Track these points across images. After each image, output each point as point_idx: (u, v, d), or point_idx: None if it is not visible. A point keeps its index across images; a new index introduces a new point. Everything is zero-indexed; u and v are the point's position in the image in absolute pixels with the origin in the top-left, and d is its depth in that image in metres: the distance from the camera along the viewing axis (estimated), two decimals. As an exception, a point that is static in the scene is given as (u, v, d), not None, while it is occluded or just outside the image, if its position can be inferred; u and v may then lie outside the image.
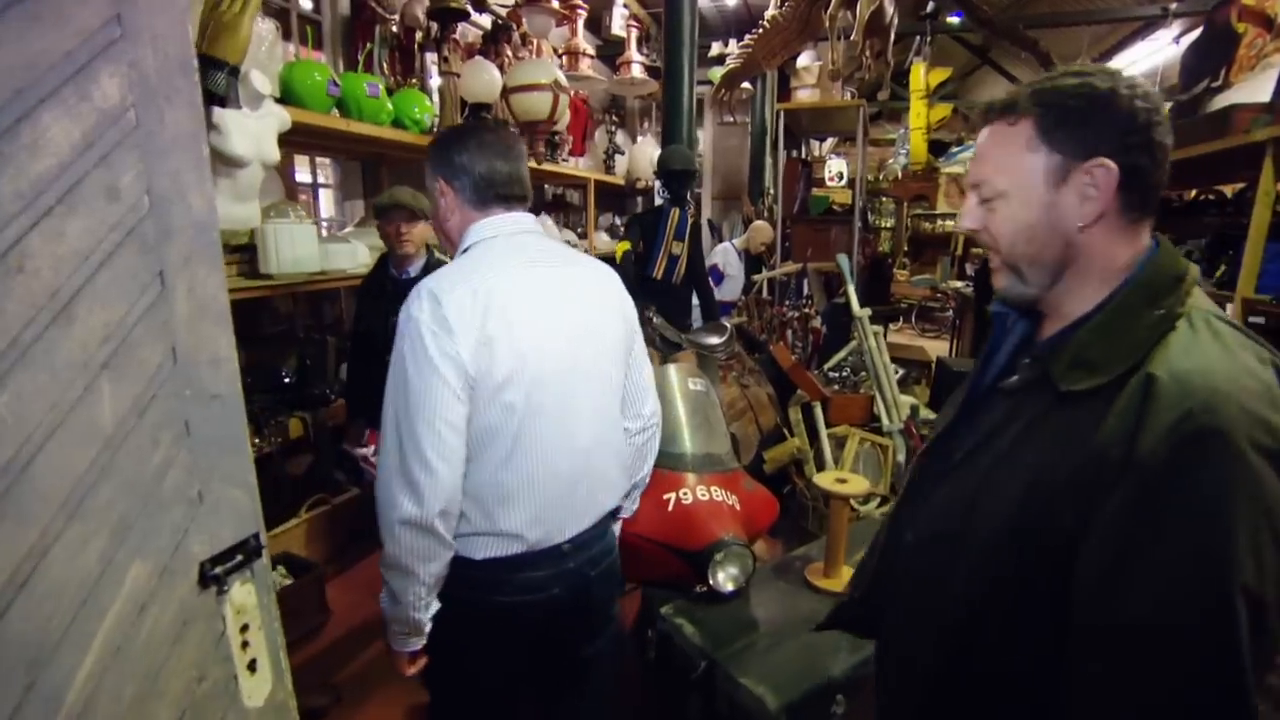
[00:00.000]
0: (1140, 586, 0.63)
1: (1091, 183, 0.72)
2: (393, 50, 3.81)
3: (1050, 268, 0.77)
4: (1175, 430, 0.62)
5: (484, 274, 1.18)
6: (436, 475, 1.09)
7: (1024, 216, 0.77)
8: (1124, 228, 0.75)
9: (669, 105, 4.29)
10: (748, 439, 2.54)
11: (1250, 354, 0.69)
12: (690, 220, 3.65)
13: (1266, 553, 0.60)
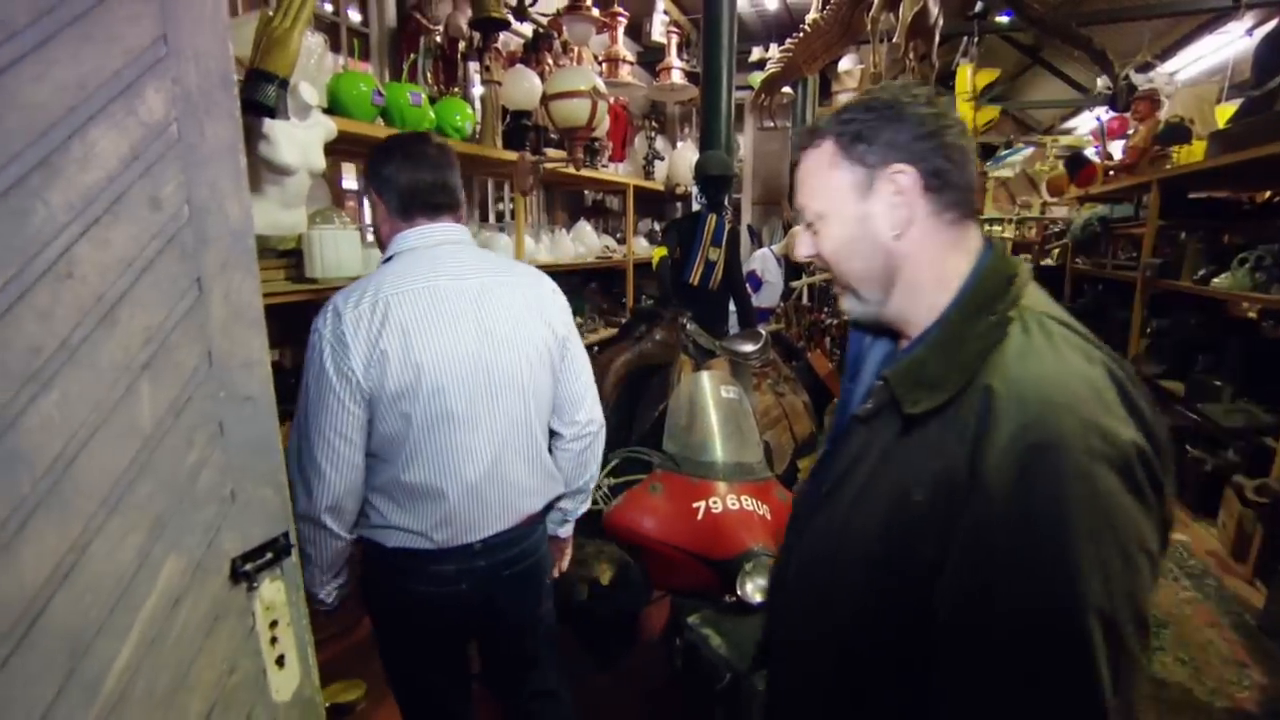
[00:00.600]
0: (994, 617, 0.61)
1: (895, 189, 0.75)
2: (436, 60, 3.89)
3: (878, 280, 0.79)
4: (1013, 446, 0.61)
5: (392, 286, 1.24)
6: (324, 478, 1.20)
7: (843, 233, 0.80)
8: (943, 230, 0.77)
9: (707, 110, 4.28)
10: (781, 448, 2.51)
11: (1079, 354, 0.68)
12: (727, 226, 3.64)
13: (1113, 567, 0.59)
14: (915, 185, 0.75)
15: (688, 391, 2.14)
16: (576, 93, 3.72)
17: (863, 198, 0.78)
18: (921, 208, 0.76)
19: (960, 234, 0.77)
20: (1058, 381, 0.64)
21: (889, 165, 0.75)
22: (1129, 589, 0.59)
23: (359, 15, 3.93)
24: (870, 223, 0.78)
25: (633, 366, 2.56)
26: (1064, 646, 0.58)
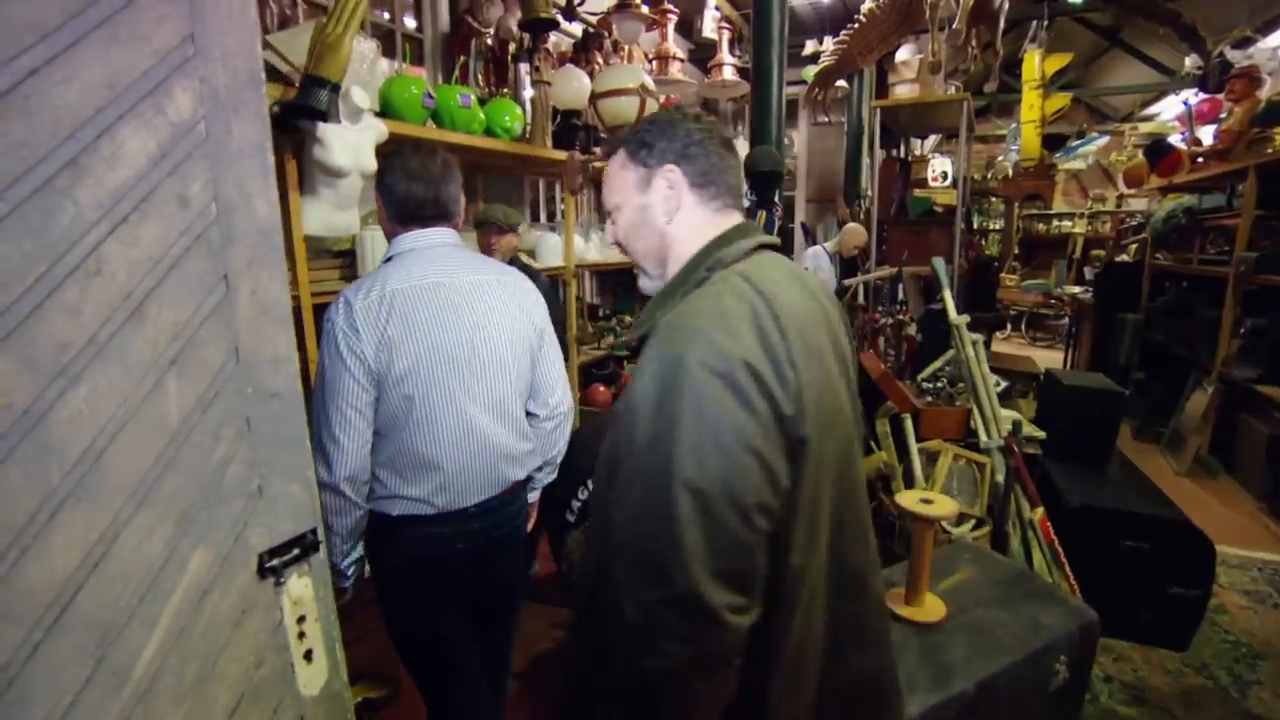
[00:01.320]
0: (628, 473, 0.78)
1: (667, 184, 0.94)
2: (487, 62, 3.94)
3: (655, 257, 0.97)
4: (655, 360, 0.78)
5: (396, 282, 1.40)
6: (342, 449, 1.35)
7: (631, 219, 0.98)
8: (707, 217, 0.95)
9: (757, 105, 4.20)
10: (828, 451, 2.42)
11: (733, 296, 0.81)
12: (777, 223, 3.55)
13: (706, 452, 0.72)
14: (681, 181, 0.94)
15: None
16: (625, 90, 3.70)
17: (643, 191, 0.96)
18: (688, 199, 0.94)
19: (723, 220, 0.96)
20: (695, 312, 0.80)
21: (663, 166, 0.94)
22: (722, 474, 0.71)
23: (414, 22, 4.02)
24: (649, 211, 0.95)
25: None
26: (659, 502, 0.72)
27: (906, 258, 4.38)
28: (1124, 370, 4.74)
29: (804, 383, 0.77)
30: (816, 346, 0.83)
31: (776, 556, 0.77)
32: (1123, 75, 7.89)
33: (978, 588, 1.86)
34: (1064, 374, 3.02)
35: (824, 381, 0.82)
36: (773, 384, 0.75)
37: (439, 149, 1.58)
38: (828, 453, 0.82)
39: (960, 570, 1.95)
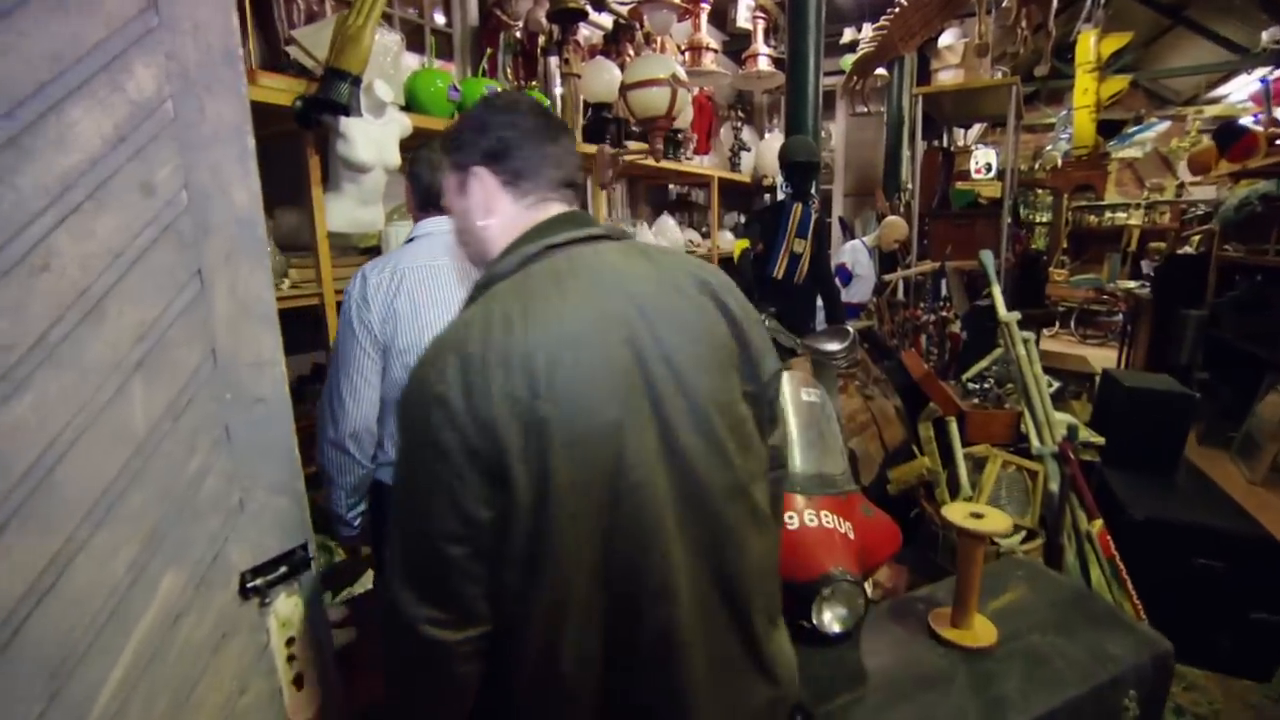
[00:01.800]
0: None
1: (479, 186, 0.90)
2: (516, 56, 3.86)
3: (484, 261, 0.92)
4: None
5: (408, 261, 1.49)
6: (347, 410, 1.43)
7: (457, 225, 0.96)
8: (522, 214, 0.90)
9: (792, 94, 4.02)
10: (869, 456, 2.26)
11: (465, 324, 0.79)
12: (814, 216, 3.38)
13: (406, 488, 0.78)
14: (493, 180, 0.90)
15: (762, 394, 1.96)
16: (655, 81, 3.57)
17: (461, 195, 0.92)
18: (502, 199, 0.90)
19: (535, 216, 0.90)
20: (437, 338, 0.80)
21: (472, 165, 0.90)
22: (414, 505, 0.76)
23: (443, 17, 3.96)
24: (468, 216, 0.92)
25: (705, 365, 2.40)
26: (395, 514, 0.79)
27: (950, 252, 4.16)
28: (1186, 370, 4.42)
29: (528, 414, 0.73)
30: (588, 363, 0.76)
31: (502, 580, 0.77)
32: (1186, 55, 7.38)
33: (1032, 609, 1.70)
34: (1124, 375, 2.80)
35: (588, 405, 0.75)
36: (464, 420, 0.73)
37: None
38: (581, 479, 0.75)
39: (1012, 589, 1.79)
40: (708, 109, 5.71)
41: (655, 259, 0.88)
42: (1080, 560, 2.18)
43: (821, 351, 2.26)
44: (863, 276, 4.42)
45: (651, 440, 0.78)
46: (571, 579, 0.76)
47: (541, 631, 0.77)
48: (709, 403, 0.81)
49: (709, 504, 0.82)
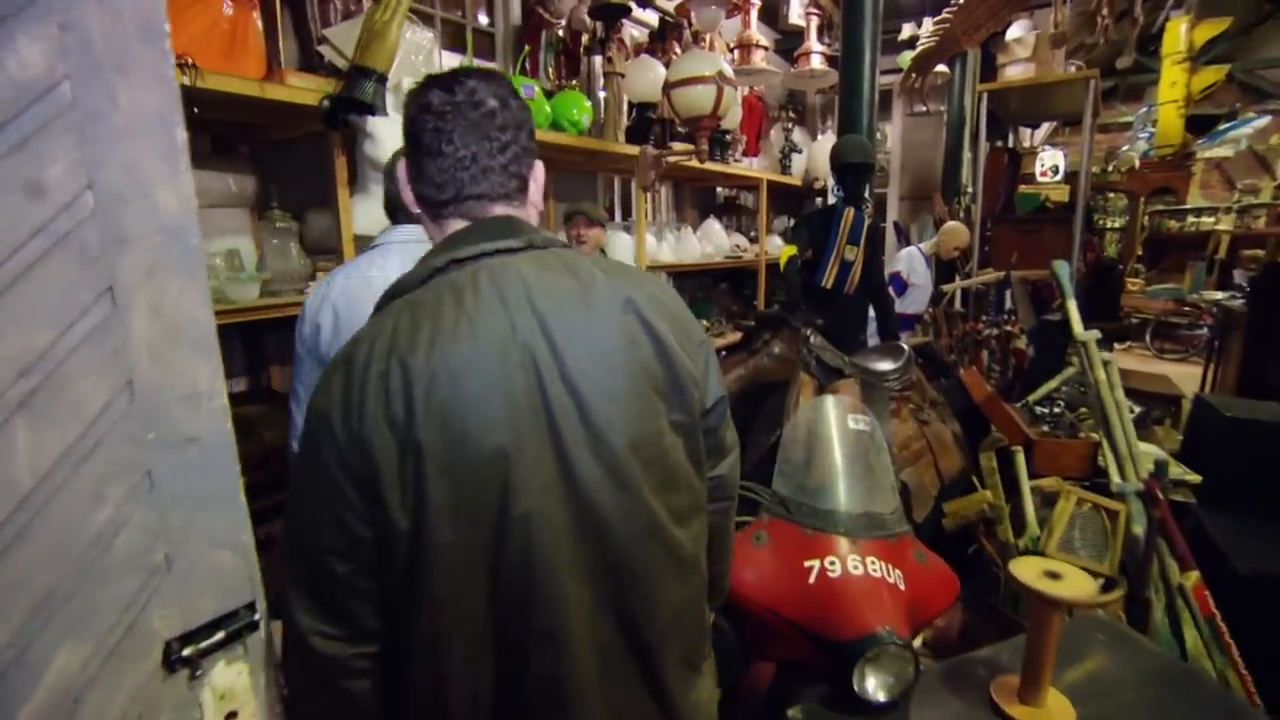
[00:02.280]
0: None
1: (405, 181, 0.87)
2: (558, 55, 3.72)
3: None
4: None
5: (346, 271, 1.48)
6: (294, 418, 1.44)
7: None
8: (431, 219, 0.87)
9: (846, 92, 3.75)
10: (923, 489, 2.01)
11: (355, 342, 0.75)
12: (867, 221, 3.12)
13: (296, 501, 0.74)
14: (405, 178, 0.86)
15: (806, 420, 1.73)
16: (700, 78, 3.37)
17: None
18: (411, 198, 0.87)
19: (455, 223, 0.84)
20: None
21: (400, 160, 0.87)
22: (299, 518, 0.74)
23: (486, 18, 3.85)
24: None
25: (746, 384, 2.18)
26: (286, 525, 0.76)
27: (1015, 260, 3.82)
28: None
29: (404, 437, 0.70)
30: (476, 386, 0.71)
31: (388, 601, 0.74)
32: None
33: (1117, 684, 1.43)
34: (1223, 401, 2.45)
35: (469, 430, 0.71)
36: (342, 438, 0.70)
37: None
38: (463, 508, 0.71)
39: (1091, 657, 1.52)
40: (758, 109, 5.47)
41: (581, 274, 0.79)
42: (1170, 618, 1.88)
43: (872, 372, 2.03)
44: (919, 286, 4.10)
45: (546, 471, 0.73)
46: (454, 611, 0.72)
47: (427, 663, 0.73)
48: (617, 433, 0.74)
49: (613, 543, 0.75)
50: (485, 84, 0.82)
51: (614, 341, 0.76)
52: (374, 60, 2.13)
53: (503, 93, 0.83)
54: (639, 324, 0.78)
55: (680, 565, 0.81)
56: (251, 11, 2.06)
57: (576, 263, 0.81)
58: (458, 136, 0.79)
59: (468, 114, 0.80)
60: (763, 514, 1.64)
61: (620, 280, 0.81)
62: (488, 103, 0.81)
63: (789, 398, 1.85)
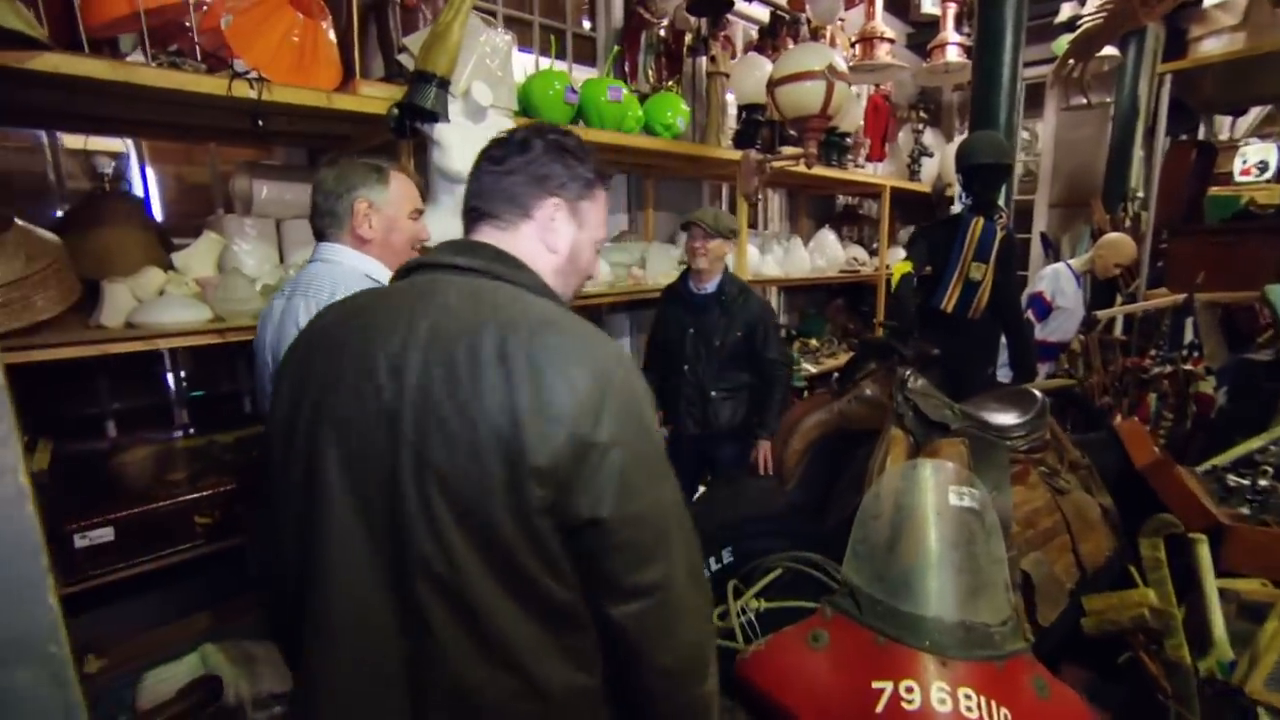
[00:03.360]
0: None
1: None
2: (659, 56, 3.46)
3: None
4: None
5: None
6: None
7: None
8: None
9: (981, 82, 3.17)
10: (1054, 581, 1.52)
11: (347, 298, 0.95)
12: (1000, 233, 2.57)
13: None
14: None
15: (893, 489, 1.33)
16: (808, 74, 2.96)
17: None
18: None
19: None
20: None
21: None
22: None
23: (589, 22, 3.68)
24: None
25: (829, 430, 1.79)
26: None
27: (1201, 279, 3.03)
28: None
29: (279, 398, 0.85)
30: (331, 378, 0.81)
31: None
32: None
33: None
34: None
35: (297, 407, 0.83)
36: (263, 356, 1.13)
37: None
38: (279, 466, 0.83)
39: None
40: (884, 110, 4.90)
41: (480, 302, 0.80)
42: None
43: (989, 426, 1.56)
44: (1065, 310, 3.37)
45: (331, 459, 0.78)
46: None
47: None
48: (433, 469, 0.74)
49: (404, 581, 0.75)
50: (521, 131, 0.93)
51: (465, 377, 0.74)
52: (435, 64, 1.97)
53: (527, 134, 0.92)
54: (495, 358, 0.75)
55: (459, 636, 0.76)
56: (321, 23, 1.98)
57: (497, 292, 0.82)
58: (483, 166, 0.93)
59: (490, 151, 0.93)
60: (826, 607, 1.27)
61: (515, 315, 0.78)
62: (511, 139, 0.92)
63: (874, 457, 1.45)
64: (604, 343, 0.82)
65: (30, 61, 1.53)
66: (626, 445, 0.76)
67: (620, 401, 0.77)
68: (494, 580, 0.74)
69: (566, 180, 0.92)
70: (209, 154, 2.51)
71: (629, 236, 3.74)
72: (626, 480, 0.75)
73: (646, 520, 0.78)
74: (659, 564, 0.79)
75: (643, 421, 0.80)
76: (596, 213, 0.98)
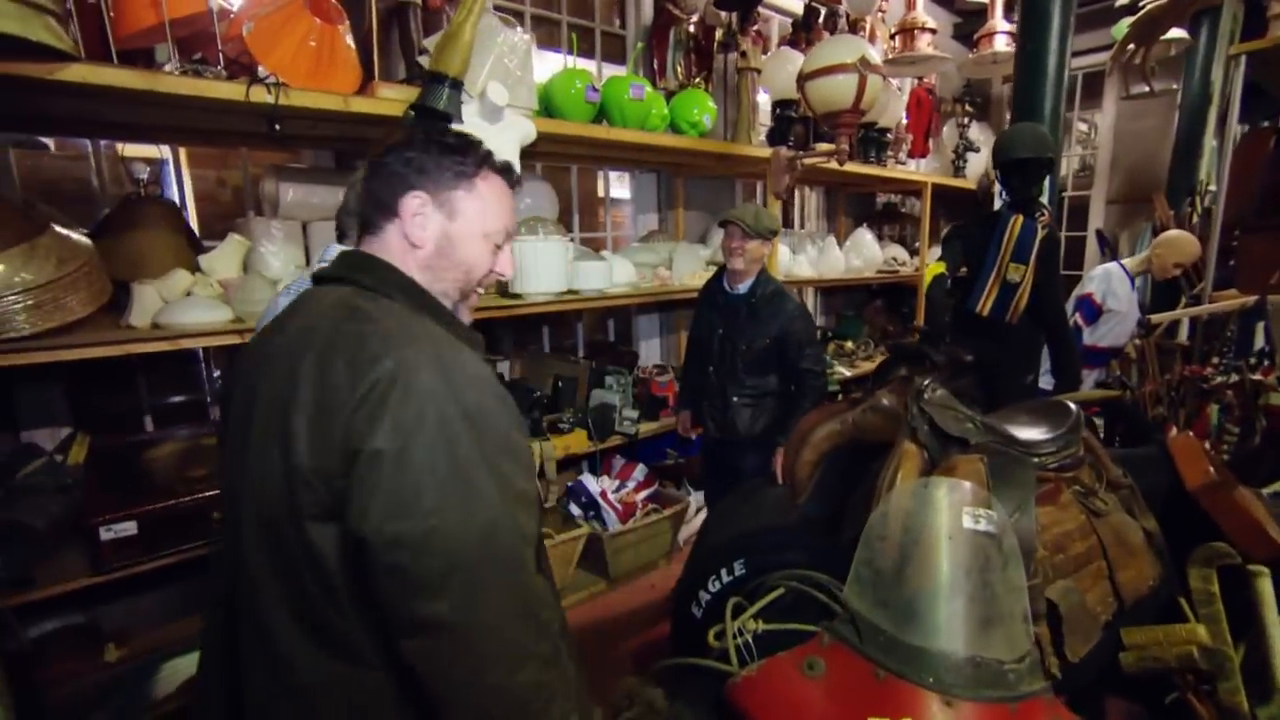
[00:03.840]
0: None
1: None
2: (688, 52, 3.38)
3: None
4: None
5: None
6: None
7: None
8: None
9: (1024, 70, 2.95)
10: (1084, 611, 1.37)
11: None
12: (1041, 232, 2.38)
13: None
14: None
15: (902, 509, 1.22)
16: (839, 67, 2.82)
17: None
18: None
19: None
20: None
21: None
22: None
23: (619, 20, 3.62)
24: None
25: (842, 442, 1.67)
26: None
27: (1277, 280, 2.76)
28: None
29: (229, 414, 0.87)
30: (246, 387, 0.83)
31: None
32: None
33: None
34: None
35: (235, 421, 0.83)
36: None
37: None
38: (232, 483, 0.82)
39: None
40: (927, 104, 4.67)
41: (324, 308, 0.80)
42: None
43: (1014, 441, 1.42)
44: (1117, 313, 3.10)
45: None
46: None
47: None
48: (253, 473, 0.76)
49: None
50: (403, 134, 0.92)
51: (283, 393, 0.74)
52: (447, 65, 1.94)
53: (408, 135, 0.91)
54: (314, 370, 0.73)
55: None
56: (339, 26, 1.98)
57: (353, 302, 0.80)
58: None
59: (372, 159, 0.93)
60: (824, 633, 1.17)
61: (348, 331, 0.75)
62: (395, 144, 0.91)
63: (883, 473, 1.34)
64: (419, 342, 0.74)
65: (59, 73, 1.57)
66: (410, 456, 0.67)
67: (417, 407, 0.69)
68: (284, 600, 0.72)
69: (432, 171, 0.89)
70: (241, 158, 2.56)
71: (659, 236, 3.67)
72: (401, 496, 0.66)
73: (427, 546, 0.67)
74: (444, 598, 0.67)
75: (447, 434, 0.69)
76: (475, 204, 0.91)
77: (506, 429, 0.76)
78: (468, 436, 0.71)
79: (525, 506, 0.76)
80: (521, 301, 2.57)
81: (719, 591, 1.75)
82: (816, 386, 2.30)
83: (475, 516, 0.69)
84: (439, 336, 0.78)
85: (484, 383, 0.77)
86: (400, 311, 0.80)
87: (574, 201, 3.54)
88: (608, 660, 2.41)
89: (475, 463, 0.71)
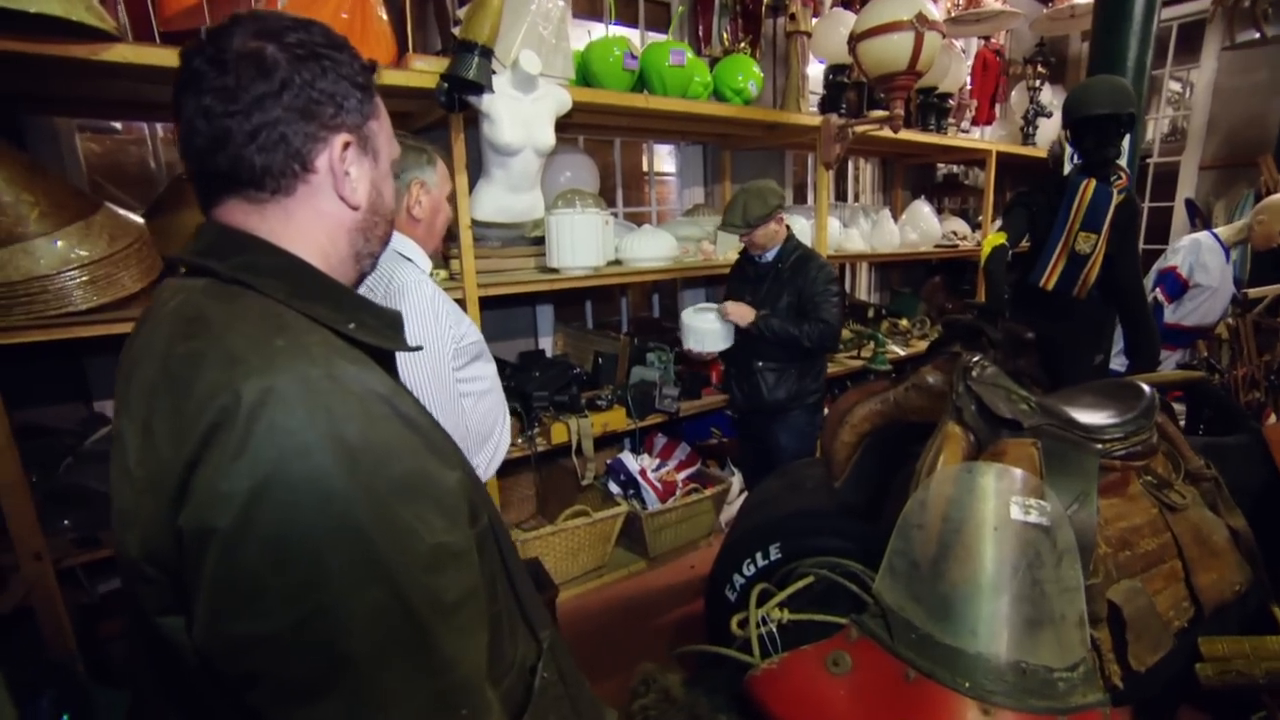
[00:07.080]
0: None
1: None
2: (735, 17, 3.21)
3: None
4: None
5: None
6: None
7: None
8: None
9: (1104, 16, 2.66)
10: (1151, 615, 1.22)
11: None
12: (1116, 198, 2.14)
13: None
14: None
15: (942, 496, 1.10)
16: (894, 25, 2.60)
17: None
18: None
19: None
20: None
21: None
22: None
23: (663, -13, 3.47)
24: None
25: (883, 422, 1.55)
26: None
27: (1400, 252, 2.41)
28: None
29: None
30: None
31: None
32: None
33: None
34: None
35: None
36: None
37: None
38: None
39: None
40: (994, 66, 4.32)
41: (155, 333, 0.57)
42: None
43: (1074, 425, 1.27)
44: (1206, 288, 2.78)
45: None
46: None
47: None
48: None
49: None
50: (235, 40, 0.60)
51: (141, 408, 0.56)
52: (477, 33, 1.88)
53: (254, 45, 0.60)
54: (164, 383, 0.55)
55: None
56: (370, -1, 1.95)
57: (219, 297, 0.58)
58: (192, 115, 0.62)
59: (206, 83, 0.60)
60: (852, 627, 1.08)
61: (214, 337, 0.54)
62: (225, 58, 0.60)
63: (924, 456, 1.22)
64: (277, 359, 0.52)
65: (103, 53, 1.59)
66: (255, 529, 0.48)
67: (269, 456, 0.48)
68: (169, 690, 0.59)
69: (345, 99, 0.63)
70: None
71: (704, 210, 3.54)
72: (248, 585, 0.48)
73: (296, 641, 0.49)
74: (331, 702, 0.51)
75: (316, 487, 0.49)
76: (385, 132, 0.69)
77: (411, 464, 0.55)
78: (347, 484, 0.50)
79: (445, 563, 0.55)
80: (559, 276, 2.52)
81: (753, 575, 1.67)
82: (819, 331, 2.19)
83: (364, 593, 0.51)
84: (310, 347, 0.55)
85: (374, 403, 0.55)
86: (262, 313, 0.57)
87: (618, 175, 3.45)
88: (643, 638, 2.37)
89: (360, 519, 0.50)
